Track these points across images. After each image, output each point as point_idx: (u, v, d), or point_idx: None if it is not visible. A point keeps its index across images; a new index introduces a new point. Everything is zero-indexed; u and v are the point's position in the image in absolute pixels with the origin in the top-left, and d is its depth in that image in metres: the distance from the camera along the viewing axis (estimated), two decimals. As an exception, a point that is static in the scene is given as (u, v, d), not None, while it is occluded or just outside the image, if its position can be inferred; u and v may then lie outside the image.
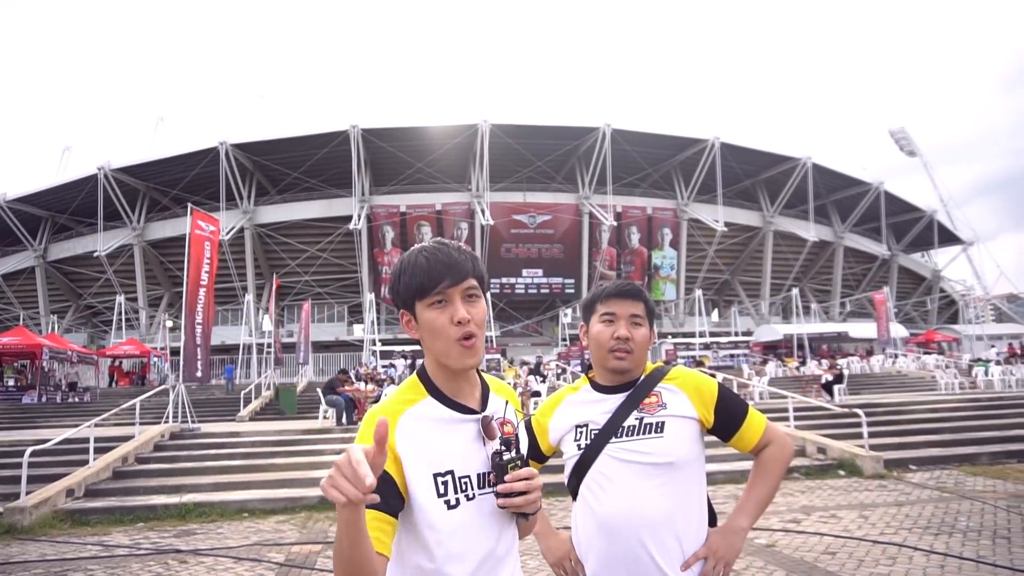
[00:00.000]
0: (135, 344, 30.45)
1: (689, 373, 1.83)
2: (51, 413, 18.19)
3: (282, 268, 37.82)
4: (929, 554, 5.31)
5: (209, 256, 13.89)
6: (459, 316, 1.28)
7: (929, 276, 48.14)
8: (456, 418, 1.34)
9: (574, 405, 1.86)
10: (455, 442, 1.32)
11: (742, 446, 1.81)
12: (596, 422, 1.77)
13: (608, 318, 1.81)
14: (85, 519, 7.79)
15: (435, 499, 1.26)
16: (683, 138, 38.90)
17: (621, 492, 1.69)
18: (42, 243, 39.86)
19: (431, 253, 1.32)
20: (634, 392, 1.77)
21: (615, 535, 1.68)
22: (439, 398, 1.35)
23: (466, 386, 1.38)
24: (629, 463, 1.70)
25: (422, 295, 1.30)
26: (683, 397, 1.75)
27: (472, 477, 1.31)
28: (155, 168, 37.05)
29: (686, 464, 1.72)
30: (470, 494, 1.30)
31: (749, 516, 1.78)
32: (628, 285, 1.85)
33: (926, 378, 22.19)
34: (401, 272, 1.34)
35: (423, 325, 1.32)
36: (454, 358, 1.31)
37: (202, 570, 5.64)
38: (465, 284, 1.31)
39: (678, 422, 1.72)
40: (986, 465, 9.70)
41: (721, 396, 1.77)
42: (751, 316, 42.91)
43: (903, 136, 47.61)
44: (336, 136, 35.55)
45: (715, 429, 1.78)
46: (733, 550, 1.71)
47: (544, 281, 39.12)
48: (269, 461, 10.29)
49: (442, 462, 1.29)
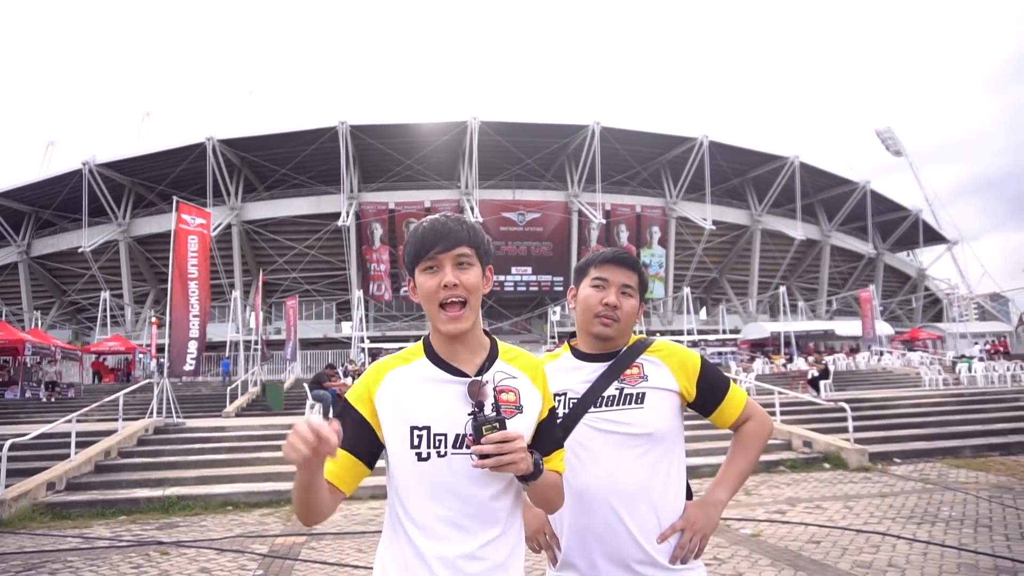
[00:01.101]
0: (120, 341, 30.12)
1: (672, 346, 1.80)
2: (33, 409, 18.01)
3: (270, 265, 37.59)
4: (912, 542, 5.35)
5: (196, 250, 13.75)
6: (445, 280, 1.36)
7: (914, 275, 48.55)
8: (444, 379, 1.40)
9: (554, 373, 1.78)
10: (438, 401, 1.37)
11: (722, 421, 1.78)
12: (575, 390, 1.74)
13: (599, 283, 1.77)
14: (66, 512, 7.69)
15: (407, 449, 1.35)
16: (672, 136, 38.97)
17: (598, 462, 1.66)
18: (25, 238, 39.37)
19: (431, 223, 1.41)
20: (616, 362, 1.74)
21: (590, 506, 1.65)
22: (433, 359, 1.42)
23: (463, 351, 1.43)
24: (607, 433, 1.67)
25: (417, 260, 1.40)
26: (665, 369, 1.73)
27: (448, 436, 1.35)
28: (141, 163, 36.67)
29: (665, 436, 1.69)
30: (442, 451, 1.34)
31: (728, 489, 1.75)
32: (623, 253, 1.81)
33: (911, 375, 22.36)
34: (407, 242, 1.44)
35: (418, 289, 1.41)
36: (440, 322, 1.38)
37: (184, 561, 5.59)
38: (457, 251, 1.37)
39: (659, 394, 1.70)
40: (969, 458, 9.81)
41: (704, 370, 1.74)
42: (739, 314, 43.10)
43: (889, 136, 47.97)
44: (324, 132, 35.34)
45: (696, 403, 1.75)
46: (711, 522, 1.68)
47: (533, 279, 39.11)
48: (254, 455, 10.20)
49: (421, 417, 1.36)
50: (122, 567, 5.43)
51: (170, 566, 5.44)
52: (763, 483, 8.47)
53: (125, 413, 11.88)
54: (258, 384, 21.44)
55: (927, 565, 4.75)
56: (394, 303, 39.70)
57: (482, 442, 1.29)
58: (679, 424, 1.74)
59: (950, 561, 4.82)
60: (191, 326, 13.38)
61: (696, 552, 1.66)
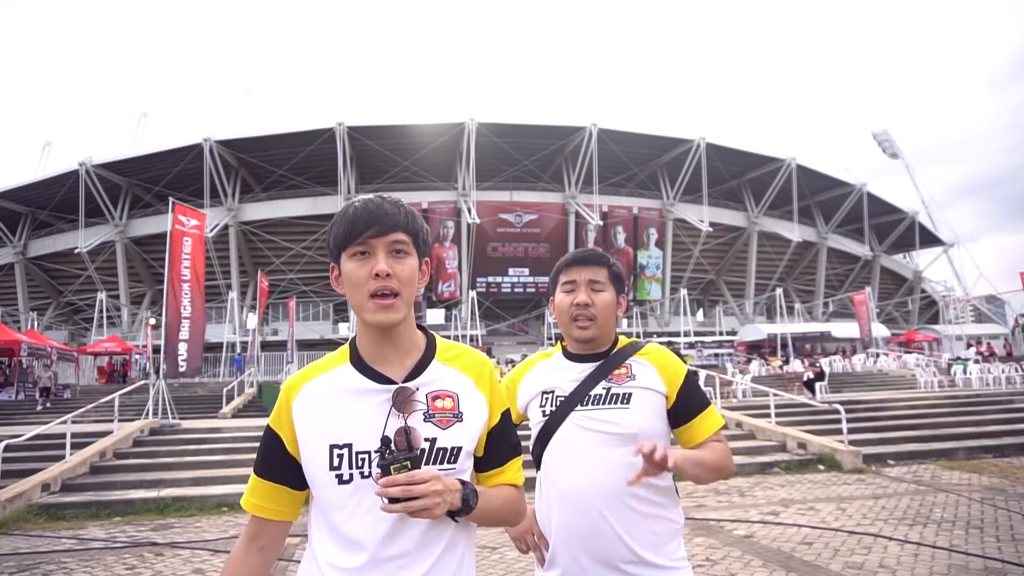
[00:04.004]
0: (117, 342, 30.09)
1: (662, 350, 1.80)
2: (28, 410, 17.96)
3: (267, 266, 37.55)
4: (904, 543, 5.38)
5: (189, 251, 13.75)
6: (377, 268, 1.19)
7: (910, 277, 48.68)
8: (368, 388, 1.23)
9: (544, 371, 1.84)
10: (360, 414, 1.21)
11: (690, 437, 1.72)
12: (563, 389, 1.75)
13: (569, 287, 1.79)
14: (61, 513, 7.69)
15: (326, 471, 1.19)
16: (669, 138, 39.04)
17: (582, 462, 1.66)
18: (21, 239, 39.29)
19: (363, 204, 1.24)
20: (605, 362, 1.75)
21: (576, 506, 1.65)
22: (357, 365, 1.26)
23: (391, 352, 1.26)
24: (592, 432, 1.67)
25: (346, 244, 1.22)
26: (653, 371, 1.73)
27: (371, 453, 1.18)
28: (138, 164, 36.62)
29: (650, 438, 1.65)
30: (365, 471, 1.18)
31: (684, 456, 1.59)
32: (586, 251, 1.82)
33: (906, 376, 22.41)
34: (334, 223, 1.26)
35: (344, 277, 1.24)
36: (369, 312, 1.21)
37: (178, 562, 5.59)
38: (392, 236, 1.22)
39: (645, 394, 1.70)
40: (962, 460, 9.85)
41: (686, 381, 1.74)
42: (735, 316, 43.18)
43: (886, 138, 48.08)
44: (322, 133, 35.33)
45: (671, 410, 1.73)
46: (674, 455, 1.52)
47: (530, 280, 39.11)
48: (250, 456, 10.15)
49: (341, 434, 1.20)
50: (116, 568, 5.44)
51: (164, 567, 5.45)
52: (757, 484, 8.50)
53: (121, 414, 11.87)
54: (254, 385, 21.44)
55: (918, 566, 4.77)
56: (391, 304, 39.68)
57: (381, 484, 1.12)
58: (665, 426, 1.74)
59: (940, 562, 4.85)
60: (182, 328, 13.38)
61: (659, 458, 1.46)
